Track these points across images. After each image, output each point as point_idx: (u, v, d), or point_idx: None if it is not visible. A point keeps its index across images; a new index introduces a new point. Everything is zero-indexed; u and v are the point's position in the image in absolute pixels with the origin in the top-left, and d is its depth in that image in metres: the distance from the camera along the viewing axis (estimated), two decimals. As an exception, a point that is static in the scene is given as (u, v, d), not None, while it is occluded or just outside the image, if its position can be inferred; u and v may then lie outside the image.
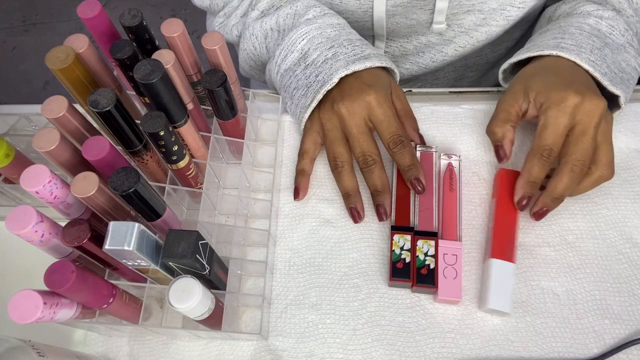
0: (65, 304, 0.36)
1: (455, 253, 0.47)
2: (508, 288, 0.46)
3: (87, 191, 0.36)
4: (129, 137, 0.40)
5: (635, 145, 0.54)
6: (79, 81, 0.41)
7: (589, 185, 0.47)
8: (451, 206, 0.49)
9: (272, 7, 0.57)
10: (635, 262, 0.48)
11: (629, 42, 0.51)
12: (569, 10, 0.55)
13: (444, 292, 0.46)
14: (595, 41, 0.49)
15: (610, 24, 0.51)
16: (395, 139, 0.49)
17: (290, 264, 0.50)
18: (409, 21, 0.58)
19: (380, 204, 0.49)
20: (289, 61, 0.54)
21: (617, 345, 0.45)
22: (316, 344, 0.46)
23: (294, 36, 0.53)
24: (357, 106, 0.49)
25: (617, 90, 0.48)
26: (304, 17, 0.54)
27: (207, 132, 0.49)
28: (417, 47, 0.63)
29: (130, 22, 0.42)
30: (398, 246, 0.48)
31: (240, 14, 0.59)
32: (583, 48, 0.49)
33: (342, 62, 0.51)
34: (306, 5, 0.55)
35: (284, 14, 0.55)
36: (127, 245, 0.35)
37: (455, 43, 0.62)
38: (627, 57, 0.51)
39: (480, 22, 0.59)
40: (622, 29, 0.51)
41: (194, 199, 0.52)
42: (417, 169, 0.49)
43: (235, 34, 0.59)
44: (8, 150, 0.43)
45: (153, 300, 0.48)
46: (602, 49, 0.49)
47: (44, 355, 0.37)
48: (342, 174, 0.51)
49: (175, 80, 0.43)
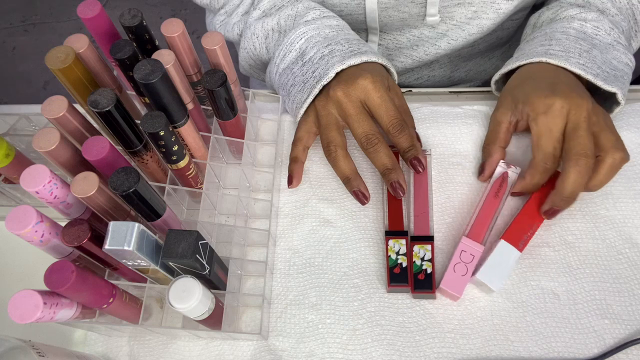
0: (65, 304, 0.36)
1: (474, 254, 0.47)
2: (504, 269, 0.46)
3: (87, 191, 0.36)
4: (129, 137, 0.40)
5: (639, 140, 0.53)
6: (79, 81, 0.41)
7: (606, 172, 0.46)
8: (489, 212, 0.49)
9: (274, 6, 0.57)
10: (635, 262, 0.48)
11: (616, 40, 0.52)
12: (552, 15, 0.55)
13: (447, 283, 0.46)
14: (582, 44, 0.50)
15: (595, 25, 0.51)
16: (395, 122, 0.48)
17: (290, 264, 0.50)
18: (401, 14, 0.58)
19: (394, 181, 0.48)
20: (287, 60, 0.54)
21: (617, 345, 0.45)
22: (316, 344, 0.46)
23: (292, 36, 0.54)
24: (353, 89, 0.49)
25: (612, 88, 0.48)
26: (303, 19, 0.55)
27: (207, 132, 0.49)
28: (410, 40, 0.64)
29: (130, 22, 0.42)
30: (394, 251, 0.48)
31: (241, 12, 0.59)
32: (571, 52, 0.49)
33: (338, 57, 0.51)
34: (307, 7, 0.55)
35: (285, 15, 0.56)
36: (127, 245, 0.35)
37: (448, 36, 0.62)
38: (617, 55, 0.51)
39: (471, 15, 0.59)
40: (607, 28, 0.51)
41: (194, 199, 0.52)
42: (417, 149, 0.49)
43: (236, 33, 0.60)
44: (8, 150, 0.43)
45: (153, 300, 0.48)
46: (590, 51, 0.50)
47: (44, 355, 0.37)
48: (337, 159, 0.50)
49: (175, 80, 0.43)
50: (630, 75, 0.52)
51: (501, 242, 0.47)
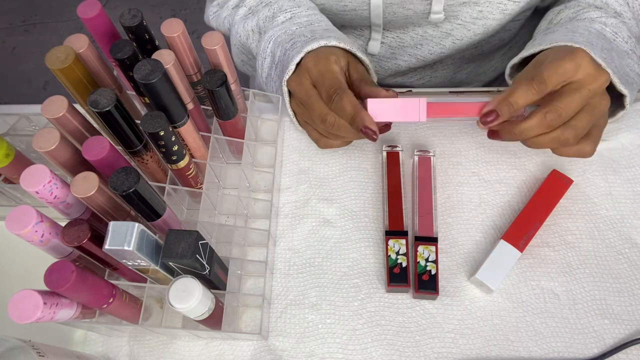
0: (65, 304, 0.36)
1: None
2: (503, 269, 0.46)
3: (87, 191, 0.36)
4: (129, 137, 0.40)
5: (639, 142, 0.53)
6: (79, 81, 0.41)
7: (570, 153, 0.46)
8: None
9: (261, 3, 0.58)
10: (635, 262, 0.48)
11: (632, 49, 0.51)
12: (572, 15, 0.55)
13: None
14: (604, 42, 0.49)
15: (614, 30, 0.51)
16: (330, 91, 0.46)
17: (290, 264, 0.50)
18: (406, 11, 0.58)
19: (363, 126, 0.45)
20: (265, 68, 0.55)
21: (617, 345, 0.45)
22: (316, 344, 0.46)
23: (263, 43, 0.55)
24: (300, 76, 0.48)
25: (624, 90, 0.48)
26: (272, 23, 0.55)
27: (207, 132, 0.49)
28: (413, 38, 0.63)
29: (130, 22, 0.42)
30: (394, 251, 0.48)
31: (232, 6, 0.60)
32: (594, 45, 0.48)
33: (297, 48, 0.50)
34: (280, 7, 0.56)
35: (263, 16, 0.56)
36: (127, 245, 0.35)
37: (453, 36, 0.62)
38: (630, 63, 0.51)
39: (477, 14, 0.59)
40: (626, 36, 0.51)
41: (194, 199, 0.52)
42: (362, 117, 0.45)
43: (227, 26, 0.61)
44: (8, 150, 0.43)
45: (153, 300, 0.48)
46: (610, 51, 0.49)
47: (44, 355, 0.37)
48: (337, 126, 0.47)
49: (175, 80, 0.43)
50: (639, 86, 0.52)
51: (501, 242, 0.47)
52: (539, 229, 0.49)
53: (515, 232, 0.48)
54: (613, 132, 0.54)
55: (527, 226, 0.48)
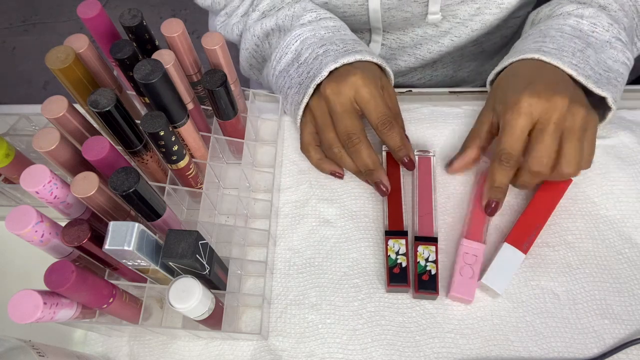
0: (65, 304, 0.36)
1: (476, 254, 0.47)
2: (509, 273, 0.46)
3: (87, 191, 0.36)
4: (129, 137, 0.40)
5: (638, 140, 0.53)
6: (79, 81, 0.41)
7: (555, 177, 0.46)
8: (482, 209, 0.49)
9: (274, 8, 0.57)
10: (635, 262, 0.48)
11: (615, 36, 0.50)
12: (549, 12, 0.54)
13: (457, 289, 0.46)
14: (577, 43, 0.48)
15: (591, 22, 0.50)
16: (383, 118, 0.48)
17: (290, 264, 0.50)
18: (405, 14, 0.59)
19: (378, 181, 0.49)
20: (283, 63, 0.54)
21: (617, 345, 0.45)
22: (316, 344, 0.46)
23: (288, 39, 0.54)
24: (343, 86, 0.48)
25: (602, 92, 0.47)
26: (299, 21, 0.55)
27: (207, 132, 0.49)
28: (413, 39, 0.64)
29: (130, 22, 0.42)
30: (393, 251, 0.48)
31: (241, 14, 0.59)
32: (565, 51, 0.48)
33: (332, 56, 0.50)
34: (304, 8, 0.55)
35: (282, 15, 0.56)
36: (127, 245, 0.35)
37: (451, 34, 0.62)
38: (614, 53, 0.49)
39: (474, 11, 0.59)
40: (606, 24, 0.50)
41: (194, 199, 0.52)
42: (407, 148, 0.49)
43: (236, 33, 0.60)
44: (8, 150, 0.43)
45: (153, 300, 0.48)
46: (584, 51, 0.48)
47: (44, 355, 0.37)
48: (342, 159, 0.50)
49: (175, 80, 0.43)
50: (627, 76, 0.51)
51: (505, 245, 0.47)
52: (542, 228, 0.48)
53: (518, 234, 0.48)
54: (614, 130, 0.54)
55: (529, 228, 0.48)
